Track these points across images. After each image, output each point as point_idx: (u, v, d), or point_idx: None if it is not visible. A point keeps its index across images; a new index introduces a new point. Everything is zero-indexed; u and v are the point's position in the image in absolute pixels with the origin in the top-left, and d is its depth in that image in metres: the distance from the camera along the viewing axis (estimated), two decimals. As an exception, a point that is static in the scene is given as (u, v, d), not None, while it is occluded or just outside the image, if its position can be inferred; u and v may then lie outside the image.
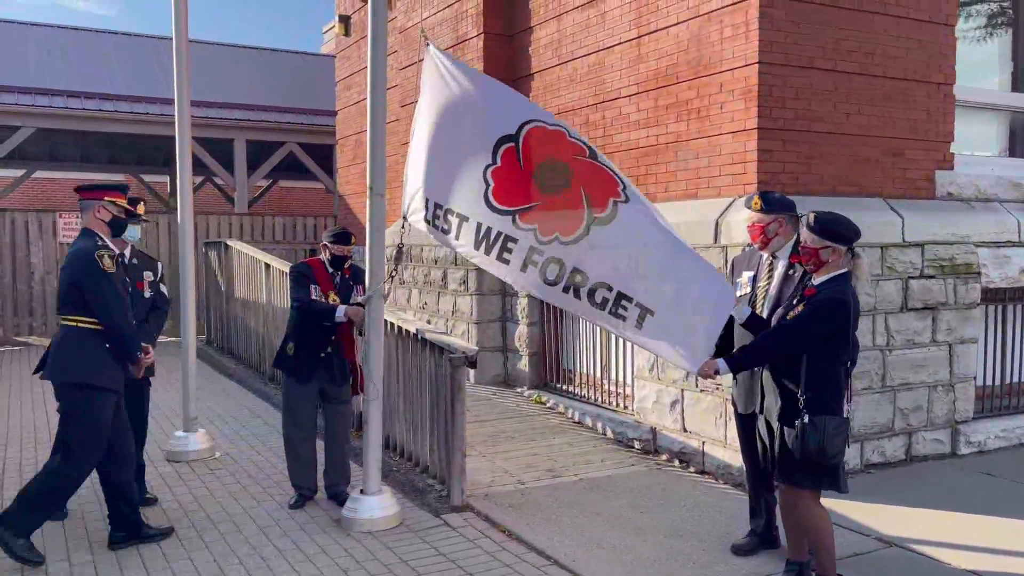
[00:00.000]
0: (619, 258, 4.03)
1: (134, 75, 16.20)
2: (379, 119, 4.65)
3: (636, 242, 4.03)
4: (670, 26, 6.36)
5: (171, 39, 6.55)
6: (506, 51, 8.45)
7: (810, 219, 3.74)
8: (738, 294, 4.29)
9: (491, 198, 4.26)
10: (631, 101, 6.85)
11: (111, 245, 4.42)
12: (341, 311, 4.87)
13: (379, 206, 4.69)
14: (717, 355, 3.98)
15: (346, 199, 14.17)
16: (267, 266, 8.72)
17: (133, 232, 4.72)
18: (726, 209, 5.74)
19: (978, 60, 7.13)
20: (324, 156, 16.62)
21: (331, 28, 18.80)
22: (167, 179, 20.65)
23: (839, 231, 3.69)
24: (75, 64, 16.04)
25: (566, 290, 4.12)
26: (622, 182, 4.15)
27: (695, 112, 6.15)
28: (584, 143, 4.27)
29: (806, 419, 3.59)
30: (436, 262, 9.05)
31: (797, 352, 3.66)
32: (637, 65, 6.75)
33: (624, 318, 4.04)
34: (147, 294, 5.02)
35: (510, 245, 4.21)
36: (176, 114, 6.43)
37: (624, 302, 4.03)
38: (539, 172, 4.21)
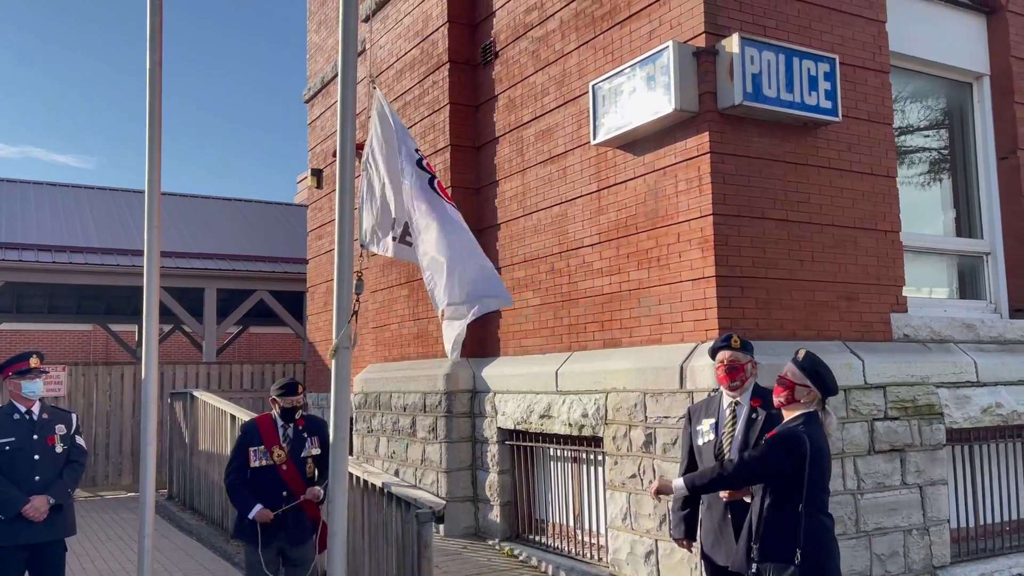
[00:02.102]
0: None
1: (106, 227, 16.44)
2: (346, 272, 4.72)
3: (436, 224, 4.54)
4: (628, 180, 6.66)
5: (144, 192, 6.70)
6: (474, 203, 8.74)
7: (799, 355, 3.82)
8: (700, 442, 4.29)
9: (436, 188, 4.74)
10: (594, 250, 7.06)
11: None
12: (255, 511, 4.81)
13: (344, 360, 4.69)
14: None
15: (315, 346, 14.16)
16: (232, 417, 8.58)
17: (33, 387, 4.76)
18: (690, 354, 5.83)
19: (923, 204, 7.50)
20: (295, 302, 16.73)
21: (305, 178, 19.39)
22: (135, 328, 20.54)
23: (823, 376, 3.77)
24: (47, 217, 16.26)
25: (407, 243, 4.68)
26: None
27: (655, 260, 6.35)
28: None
29: (754, 569, 3.53)
30: (405, 409, 8.98)
31: (752, 483, 3.65)
32: (598, 216, 7.00)
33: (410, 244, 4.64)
34: (59, 449, 4.95)
35: (408, 229, 4.70)
36: (145, 265, 6.47)
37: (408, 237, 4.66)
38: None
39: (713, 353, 4.39)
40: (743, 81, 5.73)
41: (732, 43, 5.78)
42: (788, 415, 3.76)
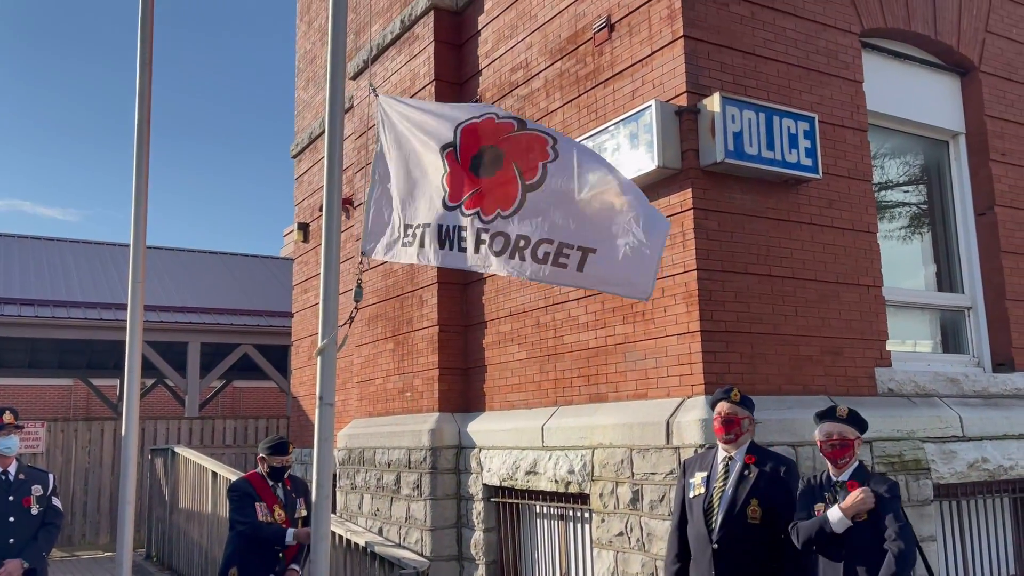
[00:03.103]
0: (555, 215, 4.18)
1: (90, 281, 16.37)
2: (331, 325, 4.72)
3: (566, 198, 4.19)
4: (613, 235, 6.70)
5: (129, 245, 6.69)
6: (459, 257, 8.75)
7: (842, 412, 3.83)
8: (691, 495, 4.26)
9: (447, 201, 4.43)
10: (579, 304, 7.07)
11: None
12: (290, 534, 4.69)
13: (327, 415, 4.64)
14: None
15: (299, 400, 14.02)
16: (214, 474, 8.45)
17: (8, 443, 4.69)
18: (676, 409, 5.81)
19: (904, 259, 7.59)
20: (279, 356, 16.63)
21: (291, 232, 19.44)
22: (117, 383, 20.33)
23: (865, 422, 3.82)
24: (31, 271, 16.19)
25: (511, 256, 4.24)
26: (552, 138, 4.28)
27: (640, 315, 6.36)
28: (512, 118, 4.40)
29: None
30: (389, 465, 8.87)
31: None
32: (584, 270, 7.03)
33: (566, 265, 4.15)
34: (34, 510, 4.86)
35: (463, 234, 4.34)
36: (128, 319, 6.44)
37: (565, 250, 4.13)
38: (474, 162, 4.40)
39: (713, 404, 4.40)
40: (725, 139, 5.83)
41: (713, 102, 5.89)
42: (842, 471, 3.81)
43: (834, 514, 3.80)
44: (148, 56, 5.77)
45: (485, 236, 4.29)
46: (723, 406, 4.29)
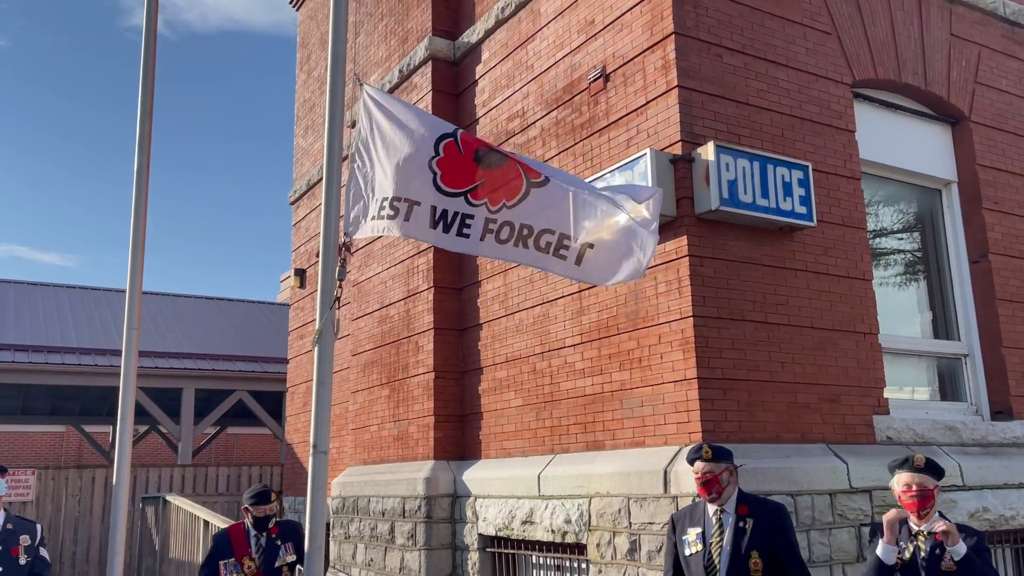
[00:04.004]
0: (557, 209, 4.42)
1: (85, 327, 16.32)
2: (326, 370, 4.69)
3: (566, 196, 4.44)
4: (609, 282, 6.71)
5: (125, 291, 6.68)
6: (455, 303, 8.77)
7: (920, 462, 3.80)
8: (687, 552, 4.19)
9: (440, 184, 4.53)
10: (576, 350, 7.05)
11: None
12: None
13: (321, 463, 4.60)
14: None
15: (293, 447, 13.88)
16: (206, 523, 8.34)
17: None
18: (673, 458, 5.76)
19: (900, 306, 7.60)
20: (274, 402, 16.52)
21: (288, 278, 19.46)
22: (110, 429, 20.14)
23: (942, 469, 3.78)
24: (26, 317, 16.14)
25: (516, 244, 4.45)
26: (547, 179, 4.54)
27: (637, 362, 6.35)
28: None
29: None
30: (383, 514, 8.75)
31: None
32: (580, 317, 7.03)
33: (565, 257, 4.37)
34: (23, 560, 4.79)
35: (468, 221, 4.49)
36: (122, 366, 6.41)
37: (565, 241, 4.38)
38: (478, 155, 4.57)
39: (690, 463, 4.34)
40: (719, 187, 5.88)
41: (708, 151, 5.96)
42: (923, 521, 3.78)
43: (958, 550, 3.78)
44: (149, 106, 5.84)
45: (492, 226, 4.49)
46: (699, 466, 4.23)
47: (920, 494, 3.96)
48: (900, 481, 4.05)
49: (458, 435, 8.39)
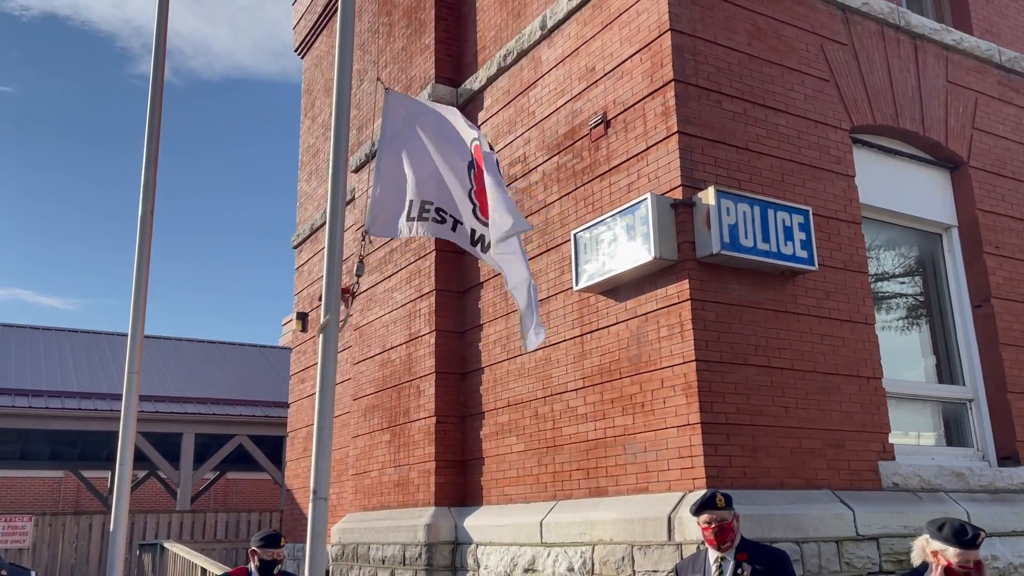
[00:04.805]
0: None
1: (86, 371, 16.29)
2: (327, 415, 4.66)
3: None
4: (610, 325, 6.71)
5: (127, 335, 6.68)
6: (457, 346, 8.76)
7: (946, 529, 3.68)
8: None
9: (479, 215, 4.84)
10: (578, 395, 7.02)
11: None
12: None
13: (321, 509, 4.54)
14: None
15: (293, 493, 13.75)
16: (203, 571, 8.22)
17: None
18: (677, 504, 5.69)
19: (903, 350, 7.57)
20: (274, 447, 16.41)
21: (290, 321, 19.46)
22: (108, 475, 19.98)
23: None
24: (27, 361, 16.12)
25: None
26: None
27: (640, 406, 6.31)
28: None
29: None
30: (383, 562, 8.63)
31: None
32: (582, 361, 7.01)
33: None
34: None
35: (488, 239, 4.76)
36: (122, 412, 6.38)
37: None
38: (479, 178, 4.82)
39: (696, 512, 4.27)
40: (720, 231, 5.90)
41: (708, 195, 5.99)
42: None
43: None
44: (154, 153, 5.91)
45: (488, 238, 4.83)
46: (712, 515, 4.17)
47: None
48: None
49: (459, 481, 8.31)
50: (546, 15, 7.92)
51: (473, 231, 4.89)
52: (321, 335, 4.37)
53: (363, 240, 5.17)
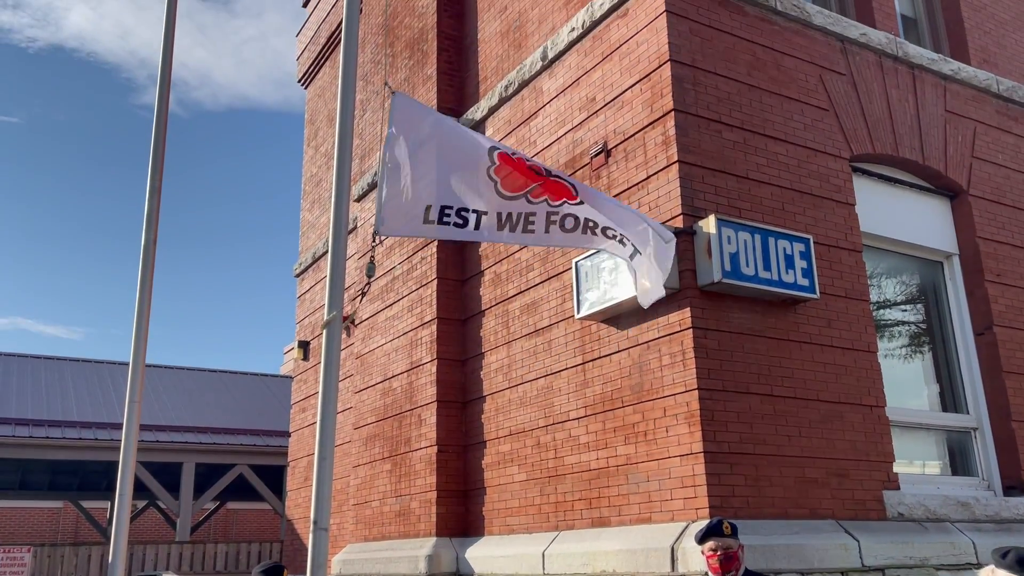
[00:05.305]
0: (615, 217, 5.31)
1: (87, 400, 16.25)
2: (328, 444, 4.64)
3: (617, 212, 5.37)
4: (612, 353, 6.70)
5: (128, 363, 6.67)
6: (459, 374, 8.73)
7: (1007, 557, 3.58)
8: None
9: (502, 190, 5.06)
10: (580, 423, 6.98)
11: None
12: None
13: (321, 540, 4.51)
14: None
15: (294, 523, 13.64)
16: (201, 602, 8.13)
17: None
18: (681, 534, 5.64)
19: (906, 378, 7.54)
20: (275, 477, 16.31)
21: (291, 349, 19.43)
22: (108, 505, 19.85)
23: None
24: (28, 391, 16.09)
25: (583, 232, 5.23)
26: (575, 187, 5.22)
27: (642, 435, 6.27)
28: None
29: None
30: (384, 594, 8.54)
31: None
32: (584, 389, 6.99)
33: (625, 245, 5.33)
34: None
35: (531, 219, 5.11)
36: (122, 441, 6.35)
37: (624, 240, 5.32)
38: (531, 164, 5.16)
39: (701, 539, 4.23)
40: (721, 259, 5.91)
41: (709, 224, 6.01)
42: None
43: None
44: (158, 184, 5.95)
45: (555, 218, 5.16)
46: (717, 542, 4.13)
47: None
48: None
49: (461, 511, 8.25)
50: (547, 46, 8.00)
51: (499, 215, 5.07)
52: (324, 331, 4.38)
53: (374, 241, 5.35)
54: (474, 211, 5.02)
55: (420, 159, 5.01)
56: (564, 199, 5.17)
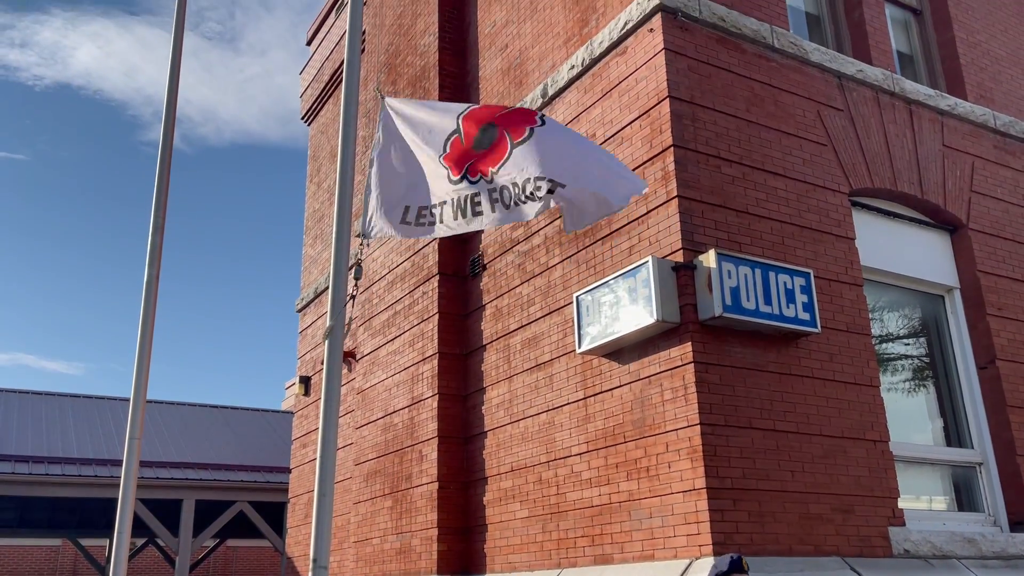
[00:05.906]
0: (540, 157, 4.67)
1: (87, 437, 16.18)
2: (328, 479, 4.60)
3: (552, 145, 4.73)
4: (614, 388, 6.68)
5: (128, 400, 6.65)
6: (460, 409, 8.70)
7: None
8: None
9: (451, 176, 4.91)
10: (582, 459, 6.94)
11: None
12: None
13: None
14: None
15: (294, 561, 13.50)
16: (199, 642, 8.02)
17: None
18: (684, 572, 5.57)
19: (910, 412, 7.51)
20: (275, 514, 16.16)
21: (292, 385, 19.38)
22: (107, 543, 19.66)
23: None
24: (28, 427, 16.03)
25: (516, 203, 4.69)
26: (542, 118, 4.79)
27: (645, 471, 6.23)
28: (506, 108, 4.94)
29: None
30: (385, 633, 8.42)
31: None
32: (585, 424, 6.96)
33: (540, 199, 4.62)
34: None
35: (477, 199, 4.82)
36: (122, 478, 6.31)
37: (539, 183, 4.62)
38: (475, 141, 4.90)
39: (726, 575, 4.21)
40: (722, 294, 5.91)
41: (709, 258, 6.03)
42: None
43: None
44: (161, 220, 5.99)
45: (496, 195, 4.82)
46: None
47: None
48: None
49: (462, 548, 8.16)
50: (547, 83, 8.09)
51: (453, 200, 4.87)
52: (327, 341, 4.39)
53: (361, 244, 5.34)
54: (438, 205, 4.97)
55: (403, 160, 5.09)
56: (490, 168, 4.78)
